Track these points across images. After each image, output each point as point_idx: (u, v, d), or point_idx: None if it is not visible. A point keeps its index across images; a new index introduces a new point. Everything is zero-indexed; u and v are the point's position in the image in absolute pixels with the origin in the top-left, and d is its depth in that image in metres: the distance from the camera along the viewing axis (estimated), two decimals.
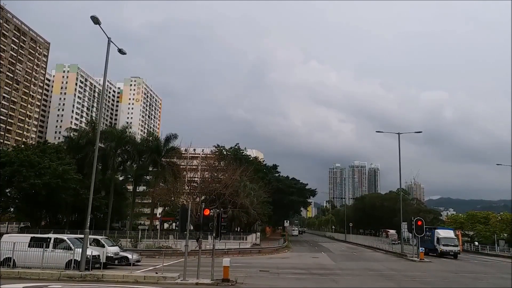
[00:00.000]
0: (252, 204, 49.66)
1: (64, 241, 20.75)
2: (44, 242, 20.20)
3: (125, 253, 26.12)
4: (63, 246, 20.37)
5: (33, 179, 43.40)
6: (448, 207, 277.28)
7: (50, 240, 20.44)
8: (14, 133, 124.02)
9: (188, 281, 17.85)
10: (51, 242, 20.35)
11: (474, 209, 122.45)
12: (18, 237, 22.36)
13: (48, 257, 19.39)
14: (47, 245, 20.06)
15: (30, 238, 20.90)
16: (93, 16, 18.68)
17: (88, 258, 19.31)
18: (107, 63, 20.82)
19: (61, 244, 20.44)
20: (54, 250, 20.06)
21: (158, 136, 65.84)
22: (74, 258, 19.62)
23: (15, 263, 19.64)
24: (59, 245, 20.34)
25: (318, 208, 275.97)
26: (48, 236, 21.17)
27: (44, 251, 19.49)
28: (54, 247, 20.20)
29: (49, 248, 19.97)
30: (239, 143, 73.18)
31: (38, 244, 20.00)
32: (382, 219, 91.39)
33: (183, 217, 19.34)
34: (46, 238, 20.73)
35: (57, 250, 20.12)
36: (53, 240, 20.52)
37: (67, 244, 20.50)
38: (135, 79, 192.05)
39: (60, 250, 20.19)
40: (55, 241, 20.47)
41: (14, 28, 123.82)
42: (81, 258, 18.71)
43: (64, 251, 20.18)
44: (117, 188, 58.01)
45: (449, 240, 41.44)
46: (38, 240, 20.62)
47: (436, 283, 21.24)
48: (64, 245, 20.43)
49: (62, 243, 20.50)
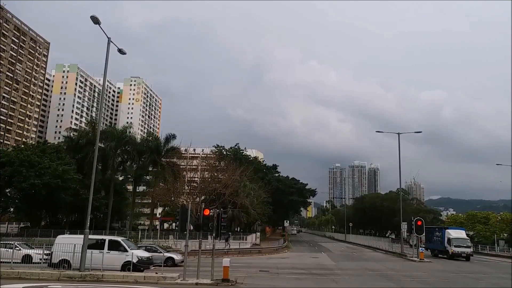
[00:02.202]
0: (252, 204, 49.66)
1: (118, 242, 20.69)
2: (99, 244, 20.19)
3: (170, 254, 26.13)
4: (118, 248, 20.28)
5: (33, 179, 43.45)
6: (448, 207, 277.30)
7: (105, 242, 20.36)
8: (14, 133, 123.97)
9: (188, 281, 17.84)
10: (106, 244, 20.25)
11: (474, 209, 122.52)
12: (72, 238, 21.99)
13: (104, 259, 19.23)
14: (102, 247, 19.99)
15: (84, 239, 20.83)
16: (93, 16, 18.66)
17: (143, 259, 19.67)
18: (107, 63, 20.80)
19: (116, 246, 20.35)
20: (110, 252, 19.92)
21: (158, 136, 65.92)
22: (130, 260, 19.46)
23: (70, 265, 19.41)
24: (113, 247, 20.24)
25: (318, 208, 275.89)
26: (103, 238, 21.14)
27: (100, 253, 19.35)
28: (109, 249, 20.07)
29: (104, 250, 19.85)
30: (239, 143, 73.32)
31: (93, 246, 19.95)
32: (382, 219, 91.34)
33: (183, 217, 19.32)
34: (102, 240, 20.70)
35: (112, 252, 19.99)
36: (107, 242, 20.44)
37: (123, 246, 20.45)
38: (135, 79, 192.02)
39: (116, 252, 20.07)
40: (109, 243, 20.38)
41: (14, 28, 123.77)
42: (81, 258, 18.68)
43: (120, 253, 20.03)
44: (117, 188, 58.02)
45: (461, 241, 39.03)
46: (93, 242, 20.49)
47: (436, 283, 21.25)
48: (119, 247, 20.35)
49: (116, 245, 20.42)
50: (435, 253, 42.51)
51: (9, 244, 24.36)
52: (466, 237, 41.77)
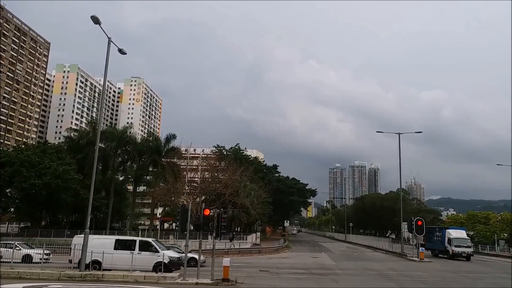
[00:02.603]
0: (252, 204, 49.66)
1: (149, 243, 20.63)
2: (130, 244, 20.16)
3: (192, 254, 26.33)
4: (149, 249, 20.22)
5: (33, 179, 43.50)
6: (448, 207, 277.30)
7: (136, 243, 20.30)
8: (14, 133, 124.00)
9: (188, 280, 17.86)
10: (136, 244, 20.19)
11: (474, 209, 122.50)
12: (102, 239, 22.00)
13: (135, 259, 19.28)
14: (133, 248, 19.95)
15: (115, 240, 20.69)
16: (93, 16, 18.68)
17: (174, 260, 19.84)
18: (108, 63, 20.83)
19: (146, 247, 20.30)
20: (141, 253, 19.88)
21: (158, 136, 65.94)
22: (162, 260, 19.49)
23: (101, 265, 19.47)
24: (144, 248, 20.19)
25: (318, 208, 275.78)
26: (133, 239, 21.07)
27: (131, 254, 19.40)
28: (139, 249, 20.01)
29: (135, 251, 19.82)
30: (239, 143, 73.37)
31: (124, 247, 19.98)
32: (382, 219, 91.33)
33: (183, 217, 19.33)
34: (132, 241, 20.62)
35: (143, 253, 19.94)
36: (138, 242, 20.36)
37: (154, 247, 20.41)
38: (135, 79, 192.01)
39: (147, 252, 20.01)
40: (140, 244, 20.33)
41: (14, 28, 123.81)
42: (81, 258, 18.71)
43: (151, 253, 19.97)
44: (117, 188, 58.07)
45: (462, 240, 39.08)
46: (124, 242, 20.50)
47: (436, 283, 21.25)
48: (150, 248, 20.29)
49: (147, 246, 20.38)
50: (436, 253, 42.48)
51: (10, 244, 24.40)
52: (466, 237, 41.69)
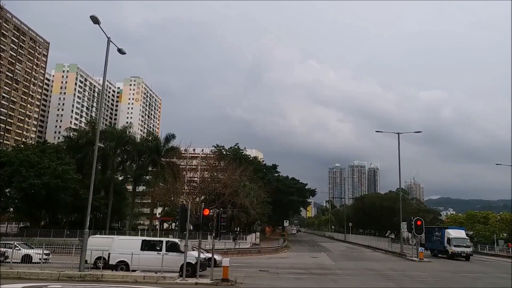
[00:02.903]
0: (252, 204, 49.65)
1: (176, 244, 20.61)
2: (156, 245, 20.13)
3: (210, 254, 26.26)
4: (176, 249, 20.18)
5: (32, 179, 43.39)
6: (448, 206, 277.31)
7: (162, 244, 20.25)
8: (13, 133, 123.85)
9: (187, 281, 17.85)
10: (163, 245, 20.13)
11: (473, 208, 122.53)
12: (128, 239, 21.90)
13: (162, 260, 19.27)
14: (160, 249, 19.92)
15: (142, 241, 20.61)
16: (93, 16, 18.65)
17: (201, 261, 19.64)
18: (107, 63, 20.81)
19: (173, 247, 20.27)
20: (168, 254, 19.82)
21: (157, 136, 65.85)
22: (189, 261, 19.46)
23: (128, 266, 19.45)
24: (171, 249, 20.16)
25: (317, 208, 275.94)
26: (160, 240, 21.04)
27: (158, 255, 19.43)
28: (166, 250, 19.96)
29: (162, 252, 19.79)
30: (238, 143, 73.22)
31: (150, 248, 19.94)
32: (381, 219, 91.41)
33: (182, 217, 19.32)
34: (159, 241, 20.58)
35: (170, 254, 19.88)
36: (165, 243, 20.31)
37: (179, 247, 20.36)
38: (134, 79, 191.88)
39: (174, 253, 19.94)
40: (167, 245, 20.28)
41: (14, 28, 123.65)
42: (80, 258, 18.69)
43: (178, 254, 19.90)
44: (116, 188, 57.98)
45: (461, 240, 39.16)
46: (150, 243, 20.43)
47: (436, 283, 21.26)
48: (177, 248, 20.24)
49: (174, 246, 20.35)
50: (435, 253, 42.49)
51: (9, 244, 24.36)
52: (465, 236, 41.67)
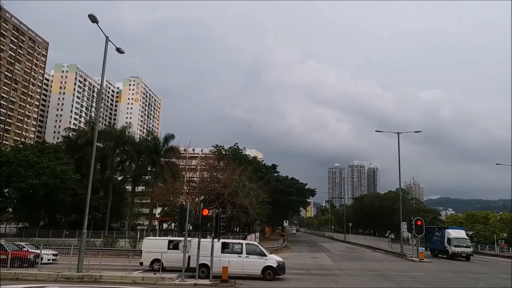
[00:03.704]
0: (251, 204, 49.51)
1: (256, 247, 20.46)
2: (236, 248, 20.06)
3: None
4: (257, 252, 20.00)
5: (31, 179, 43.26)
6: (447, 206, 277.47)
7: (243, 246, 20.10)
8: (12, 133, 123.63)
9: (186, 282, 17.72)
10: (243, 248, 19.97)
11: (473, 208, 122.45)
12: (208, 242, 21.86)
13: (244, 263, 19.16)
14: (240, 252, 19.81)
15: (222, 243, 20.39)
16: (91, 15, 18.52)
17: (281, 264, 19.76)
18: (105, 62, 20.67)
19: (253, 250, 20.10)
20: (249, 257, 19.69)
21: (157, 136, 65.72)
22: (270, 264, 19.38)
23: (209, 269, 19.25)
24: (251, 252, 19.98)
25: (317, 208, 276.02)
26: (240, 242, 21.02)
27: (239, 258, 19.45)
28: (247, 253, 19.79)
29: (242, 255, 19.68)
30: (238, 142, 73.04)
31: (230, 250, 19.87)
32: (381, 219, 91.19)
33: (181, 217, 19.18)
34: (239, 244, 20.52)
35: (251, 257, 19.72)
36: (245, 246, 20.16)
37: (261, 250, 20.20)
38: (134, 79, 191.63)
39: (255, 256, 19.79)
40: (247, 248, 20.15)
41: (13, 28, 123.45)
42: (78, 259, 18.54)
43: (259, 257, 19.75)
44: (115, 188, 57.88)
45: (461, 240, 39.06)
46: (230, 245, 20.33)
47: (436, 283, 21.15)
48: (258, 251, 20.06)
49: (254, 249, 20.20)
50: (435, 253, 42.38)
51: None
52: (466, 237, 41.51)
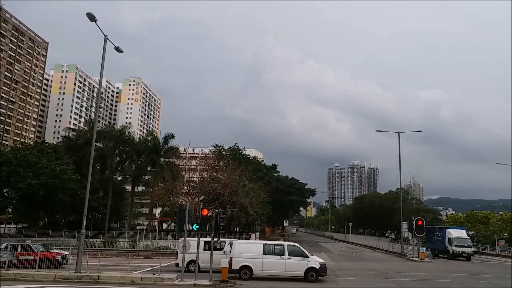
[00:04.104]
0: (251, 204, 49.41)
1: (298, 248, 20.38)
2: (278, 249, 19.93)
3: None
4: (299, 254, 19.89)
5: (30, 179, 43.07)
6: (447, 206, 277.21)
7: (284, 248, 19.99)
8: (12, 133, 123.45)
9: (185, 282, 17.57)
10: (285, 249, 19.87)
11: (473, 208, 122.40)
12: (249, 243, 21.63)
13: (286, 265, 19.07)
14: (282, 253, 19.69)
15: (263, 245, 20.29)
16: (89, 13, 18.36)
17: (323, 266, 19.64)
18: (104, 61, 20.56)
19: (295, 252, 19.97)
20: (291, 258, 19.57)
21: (157, 136, 65.59)
22: (313, 266, 19.30)
23: (252, 271, 19.25)
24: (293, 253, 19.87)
25: (317, 208, 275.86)
26: (281, 243, 20.84)
27: (281, 259, 19.30)
28: (289, 255, 19.65)
29: (285, 256, 19.56)
30: (237, 142, 72.88)
31: (272, 252, 19.75)
32: (381, 219, 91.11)
33: (180, 217, 19.05)
34: (280, 245, 20.39)
35: (293, 258, 19.62)
36: (286, 247, 20.04)
37: (303, 252, 20.10)
38: (134, 79, 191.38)
39: (297, 258, 19.68)
40: (289, 249, 20.01)
41: (12, 28, 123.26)
42: (77, 260, 18.41)
43: (301, 259, 19.65)
44: (115, 188, 57.73)
45: (462, 240, 38.88)
46: (272, 247, 20.20)
47: (438, 284, 21.01)
48: (300, 253, 19.95)
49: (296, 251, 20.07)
50: (436, 253, 42.23)
51: None
52: (467, 236, 41.31)
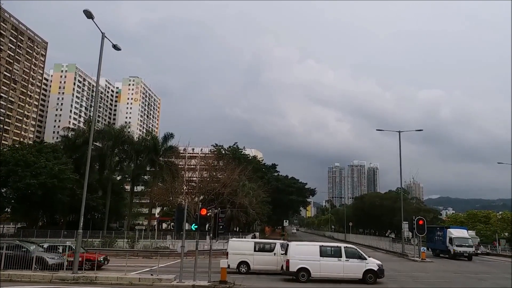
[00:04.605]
0: (251, 203, 49.15)
1: (355, 250, 20.19)
2: (335, 251, 19.74)
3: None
4: (357, 256, 19.69)
5: (28, 179, 42.78)
6: (447, 206, 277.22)
7: (341, 250, 19.77)
8: (12, 133, 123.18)
9: (184, 283, 17.32)
10: (342, 251, 19.64)
11: (473, 208, 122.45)
12: (306, 246, 21.43)
13: (344, 267, 18.92)
14: (339, 255, 19.47)
15: (319, 247, 20.06)
16: (86, 10, 18.01)
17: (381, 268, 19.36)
18: (101, 58, 20.29)
19: (353, 254, 19.75)
20: (349, 260, 19.36)
21: (156, 135, 65.35)
22: (371, 268, 19.15)
23: (310, 273, 19.01)
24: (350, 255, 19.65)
25: (317, 207, 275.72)
26: (338, 245, 20.70)
27: (339, 261, 19.14)
28: (346, 257, 19.43)
29: (342, 258, 19.35)
30: (237, 142, 72.73)
31: (329, 254, 19.61)
32: (381, 219, 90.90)
33: (179, 217, 18.79)
34: (337, 247, 20.20)
35: (351, 260, 19.40)
36: (343, 249, 19.81)
37: (361, 254, 19.91)
38: (133, 78, 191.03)
39: (355, 260, 19.48)
40: (346, 251, 19.78)
41: (12, 28, 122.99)
42: (74, 260, 18.15)
43: (360, 261, 19.47)
44: (114, 188, 57.48)
45: (463, 240, 38.81)
46: (329, 249, 20.09)
47: (440, 284, 20.78)
48: (357, 255, 19.75)
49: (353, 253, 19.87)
50: (437, 253, 42.01)
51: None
52: (468, 236, 41.08)
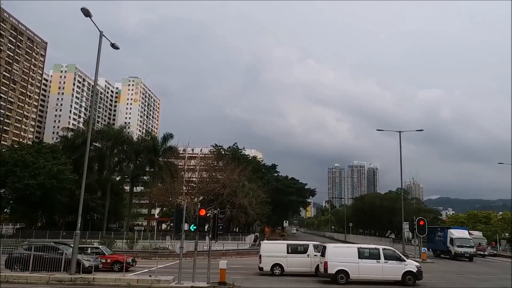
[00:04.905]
0: (251, 204, 48.99)
1: (394, 252, 20.17)
2: (374, 253, 19.68)
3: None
4: (395, 258, 19.60)
5: (27, 180, 42.62)
6: (447, 206, 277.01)
7: (380, 251, 19.74)
8: (11, 134, 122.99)
9: (183, 284, 17.14)
10: (381, 253, 19.62)
11: (473, 208, 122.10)
12: (344, 248, 21.42)
13: (382, 269, 18.92)
14: (377, 257, 19.44)
15: (357, 249, 20.06)
16: (83, 8, 17.82)
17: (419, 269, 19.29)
18: (99, 56, 20.11)
19: (391, 255, 19.69)
20: (387, 262, 19.30)
21: (155, 136, 65.16)
22: (410, 269, 19.09)
23: (348, 275, 18.94)
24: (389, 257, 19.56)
25: (317, 208, 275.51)
26: (376, 247, 20.63)
27: (378, 263, 19.13)
28: (385, 258, 19.36)
29: (381, 260, 19.30)
30: (237, 142, 72.57)
31: (367, 256, 19.56)
32: (381, 219, 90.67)
33: (178, 218, 18.65)
34: (375, 249, 20.11)
35: (390, 262, 19.34)
36: (382, 251, 19.77)
37: (398, 255, 19.86)
38: (133, 79, 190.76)
39: (394, 262, 19.40)
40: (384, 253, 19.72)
41: (11, 28, 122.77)
42: (71, 261, 17.95)
43: (398, 262, 19.39)
44: (113, 188, 57.27)
45: (464, 240, 38.66)
46: (367, 251, 20.02)
47: (442, 285, 20.62)
48: (396, 256, 19.69)
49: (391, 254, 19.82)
50: (437, 253, 41.84)
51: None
52: (469, 237, 40.89)
